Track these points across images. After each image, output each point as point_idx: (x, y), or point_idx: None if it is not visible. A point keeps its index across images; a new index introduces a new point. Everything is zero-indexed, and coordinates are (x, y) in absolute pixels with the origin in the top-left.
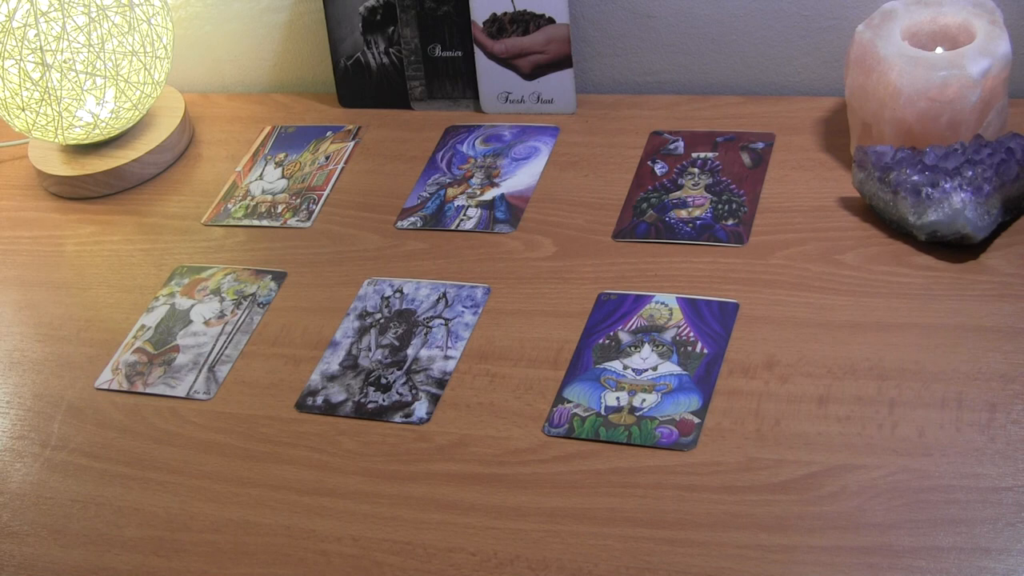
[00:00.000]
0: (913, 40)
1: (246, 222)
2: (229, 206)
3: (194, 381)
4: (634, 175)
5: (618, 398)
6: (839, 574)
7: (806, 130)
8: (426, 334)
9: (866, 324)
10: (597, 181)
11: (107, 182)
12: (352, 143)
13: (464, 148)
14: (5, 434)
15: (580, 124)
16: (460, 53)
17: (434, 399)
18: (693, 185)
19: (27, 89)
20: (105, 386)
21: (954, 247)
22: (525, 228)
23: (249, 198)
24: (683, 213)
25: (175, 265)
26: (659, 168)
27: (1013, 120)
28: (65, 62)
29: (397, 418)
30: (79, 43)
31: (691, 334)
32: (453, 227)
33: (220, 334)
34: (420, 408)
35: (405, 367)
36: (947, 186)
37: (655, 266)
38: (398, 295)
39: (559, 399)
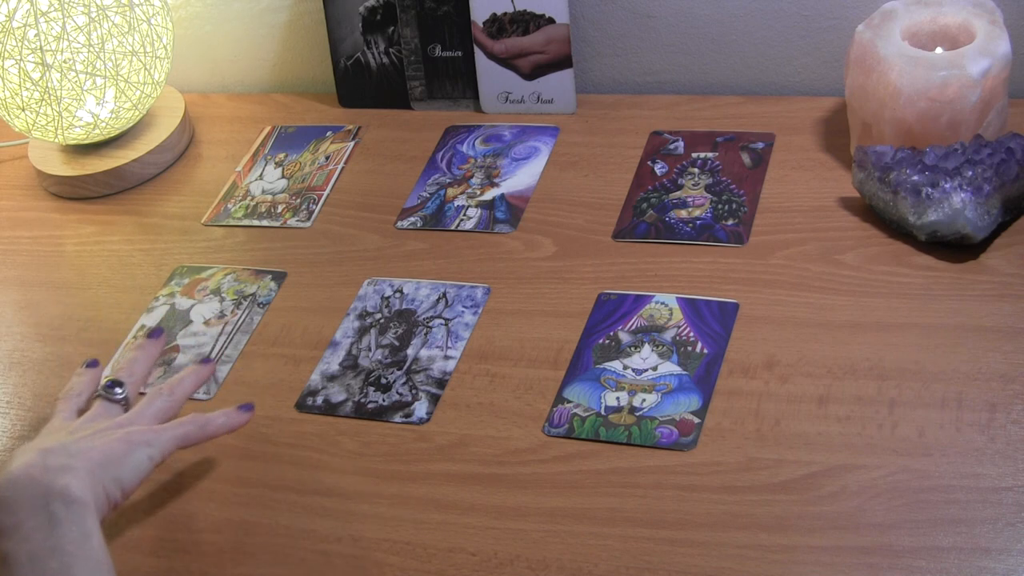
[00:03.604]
0: (913, 40)
1: (246, 222)
2: (229, 206)
3: None
4: (634, 175)
5: (618, 398)
6: (839, 574)
7: (806, 130)
8: (426, 334)
9: (866, 324)
10: (597, 181)
11: (107, 182)
12: (352, 143)
13: (464, 148)
14: (5, 434)
15: (580, 124)
16: (460, 53)
17: (434, 399)
18: (693, 185)
19: (27, 89)
20: None
21: (954, 247)
22: (525, 228)
23: (249, 198)
24: (683, 213)
25: (175, 265)
26: (659, 168)
27: (1013, 120)
28: (65, 62)
29: (397, 418)
30: (79, 43)
31: (691, 334)
32: (453, 227)
33: (220, 334)
34: (420, 408)
35: (405, 367)
36: (947, 186)
37: (655, 266)
38: (398, 295)
39: (559, 399)
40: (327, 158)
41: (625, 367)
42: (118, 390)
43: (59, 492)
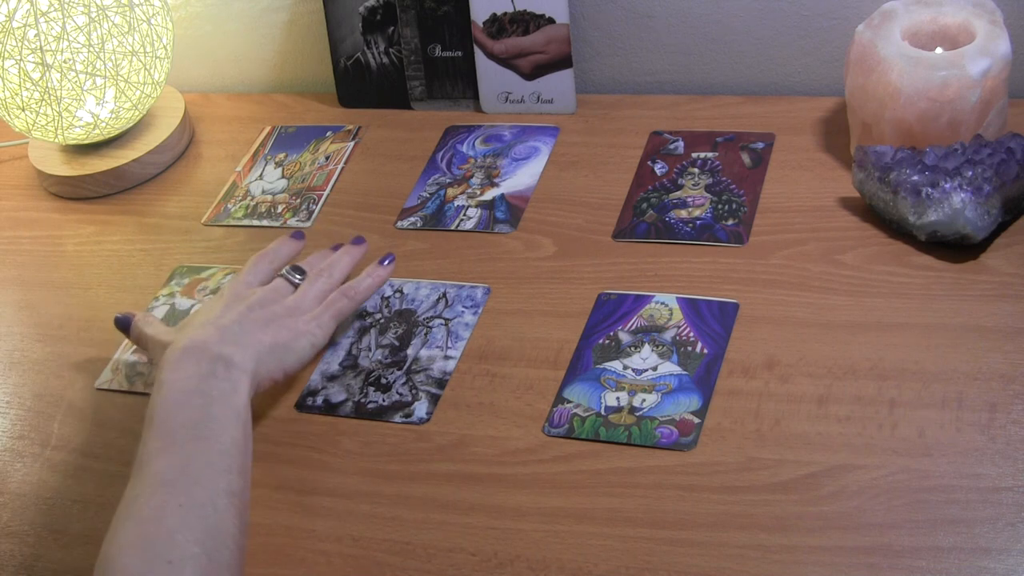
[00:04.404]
0: (913, 40)
1: (246, 222)
2: (229, 206)
3: None
4: (634, 175)
5: (618, 398)
6: (839, 574)
7: (806, 130)
8: (426, 334)
9: (866, 324)
10: (597, 181)
11: (107, 182)
12: (352, 143)
13: (464, 148)
14: (5, 434)
15: (580, 124)
16: (460, 53)
17: (434, 399)
18: (693, 185)
19: (27, 89)
20: (105, 386)
21: (954, 247)
22: (525, 228)
23: (249, 198)
24: (683, 213)
25: (175, 265)
26: (659, 168)
27: (1013, 120)
28: (65, 62)
29: (397, 418)
30: (79, 43)
31: (691, 334)
32: (453, 227)
33: None
34: (420, 408)
35: (405, 367)
36: (947, 186)
37: (655, 266)
38: (398, 295)
39: (559, 399)
40: (327, 158)
41: (625, 367)
42: (298, 276)
43: (224, 357)
